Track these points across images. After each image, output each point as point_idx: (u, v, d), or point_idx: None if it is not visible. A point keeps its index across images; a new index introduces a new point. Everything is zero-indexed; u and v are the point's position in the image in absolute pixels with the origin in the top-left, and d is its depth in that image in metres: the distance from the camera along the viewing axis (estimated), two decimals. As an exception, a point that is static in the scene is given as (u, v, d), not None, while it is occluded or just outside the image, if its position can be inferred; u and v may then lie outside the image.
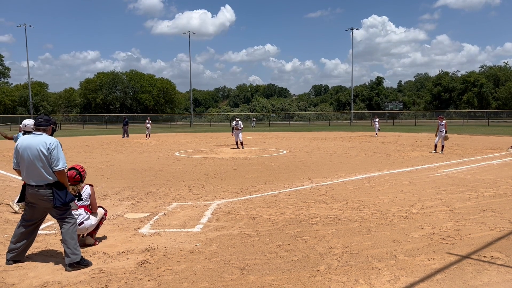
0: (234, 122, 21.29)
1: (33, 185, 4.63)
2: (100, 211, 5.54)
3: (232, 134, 21.34)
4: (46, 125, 4.80)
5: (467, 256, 4.85)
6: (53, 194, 4.62)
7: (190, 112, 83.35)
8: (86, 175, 5.61)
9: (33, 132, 4.77)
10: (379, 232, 5.89)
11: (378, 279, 4.20)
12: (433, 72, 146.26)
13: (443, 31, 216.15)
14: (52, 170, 4.60)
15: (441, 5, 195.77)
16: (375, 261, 4.73)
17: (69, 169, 5.39)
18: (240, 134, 21.08)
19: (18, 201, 4.89)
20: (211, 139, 29.97)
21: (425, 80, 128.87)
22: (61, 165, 4.61)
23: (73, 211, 5.04)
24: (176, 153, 18.93)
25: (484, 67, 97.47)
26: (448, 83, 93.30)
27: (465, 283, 4.07)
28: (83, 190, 5.40)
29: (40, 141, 4.61)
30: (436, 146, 17.79)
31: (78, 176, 5.37)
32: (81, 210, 5.31)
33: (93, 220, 5.36)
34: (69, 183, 5.23)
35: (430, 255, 4.91)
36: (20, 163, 4.68)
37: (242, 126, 21.30)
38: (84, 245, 5.34)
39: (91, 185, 5.57)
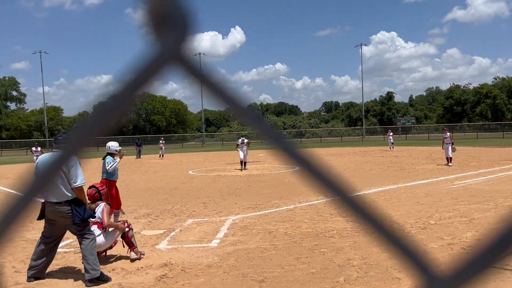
0: (240, 140, 20.04)
1: (52, 202, 4.72)
2: (118, 227, 5.53)
3: (238, 151, 19.90)
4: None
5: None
6: (72, 211, 4.70)
7: (202, 132, 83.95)
8: (105, 194, 5.69)
9: (52, 150, 4.90)
10: (397, 243, 5.82)
11: (399, 289, 4.14)
12: (445, 86, 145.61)
13: (453, 45, 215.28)
14: (70, 186, 4.69)
15: (450, 19, 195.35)
16: (395, 271, 4.67)
17: (89, 188, 5.49)
18: (247, 153, 19.91)
19: (38, 219, 4.96)
20: (224, 158, 30.06)
21: (437, 94, 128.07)
22: (79, 182, 4.71)
23: None
24: (190, 172, 19.02)
25: (498, 78, 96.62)
26: (460, 96, 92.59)
27: (488, 291, 3.99)
28: (97, 207, 5.44)
29: None
30: (448, 159, 17.62)
31: (97, 194, 5.47)
32: (94, 227, 5.34)
33: (105, 238, 5.37)
34: (89, 201, 5.33)
35: (451, 265, 4.82)
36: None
37: (246, 141, 19.93)
38: (129, 260, 5.37)
39: (108, 203, 5.62)
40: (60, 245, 6.23)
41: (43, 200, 4.87)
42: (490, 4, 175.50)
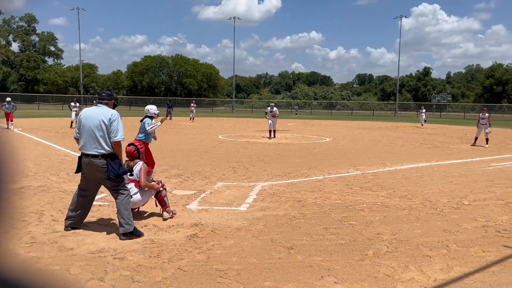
0: (269, 108, 18.78)
1: (88, 154, 4.80)
2: (154, 187, 5.60)
3: (267, 119, 18.85)
4: (108, 99, 5.06)
5: (525, 250, 4.63)
6: (107, 166, 4.78)
7: (232, 98, 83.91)
8: (143, 152, 5.79)
9: (97, 105, 5.00)
10: (429, 221, 5.73)
11: (429, 267, 4.09)
12: (486, 64, 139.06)
13: (499, 21, 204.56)
14: (110, 140, 4.77)
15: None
16: (426, 249, 4.61)
17: (128, 145, 5.59)
18: (276, 122, 18.89)
19: (76, 172, 5.11)
20: (253, 125, 30.07)
21: (477, 72, 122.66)
22: (119, 136, 4.79)
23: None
24: (220, 136, 19.16)
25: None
26: (502, 75, 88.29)
27: (524, 277, 3.89)
28: (135, 165, 5.55)
29: (102, 112, 4.84)
30: (476, 139, 17.10)
31: (136, 152, 5.57)
32: (132, 185, 5.47)
33: (141, 196, 5.50)
34: (127, 158, 5.46)
35: (485, 247, 4.73)
36: (81, 132, 4.87)
37: (278, 113, 18.93)
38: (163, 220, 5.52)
39: (145, 162, 5.72)
40: (96, 198, 6.45)
41: (79, 154, 5.00)
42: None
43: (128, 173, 5.46)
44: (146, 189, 5.52)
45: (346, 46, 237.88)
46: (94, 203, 6.22)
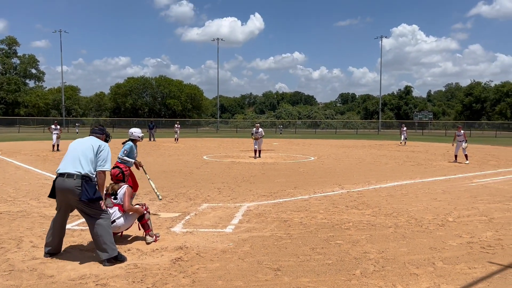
0: (254, 129, 18.78)
1: (64, 173, 4.68)
2: (138, 210, 5.48)
3: (253, 139, 18.80)
4: (99, 133, 5.21)
5: (510, 266, 4.65)
6: (81, 187, 4.63)
7: (217, 118, 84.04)
8: (128, 175, 5.69)
9: (91, 134, 5.15)
10: (415, 239, 5.74)
11: (417, 285, 4.07)
12: (465, 82, 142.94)
13: (476, 41, 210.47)
14: (97, 169, 4.77)
15: (474, 14, 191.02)
16: (412, 267, 4.60)
17: (113, 167, 5.50)
18: (261, 142, 18.94)
19: (49, 196, 4.98)
20: (238, 144, 30.06)
21: (456, 90, 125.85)
22: (107, 167, 4.86)
23: (108, 209, 5.13)
24: (204, 157, 19.06)
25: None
26: (480, 93, 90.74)
27: (510, 293, 3.89)
28: (120, 189, 5.44)
29: (94, 140, 4.99)
30: (456, 156, 17.47)
31: (120, 174, 5.49)
32: (115, 208, 5.36)
33: (125, 220, 5.38)
34: (111, 181, 5.39)
35: (471, 263, 4.74)
36: (66, 157, 4.86)
37: (263, 133, 18.96)
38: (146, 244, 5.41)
39: (130, 186, 5.61)
40: (77, 222, 6.32)
41: (54, 177, 4.89)
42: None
43: (112, 197, 5.38)
44: (130, 212, 5.41)
45: (328, 66, 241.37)
46: (76, 227, 6.10)
